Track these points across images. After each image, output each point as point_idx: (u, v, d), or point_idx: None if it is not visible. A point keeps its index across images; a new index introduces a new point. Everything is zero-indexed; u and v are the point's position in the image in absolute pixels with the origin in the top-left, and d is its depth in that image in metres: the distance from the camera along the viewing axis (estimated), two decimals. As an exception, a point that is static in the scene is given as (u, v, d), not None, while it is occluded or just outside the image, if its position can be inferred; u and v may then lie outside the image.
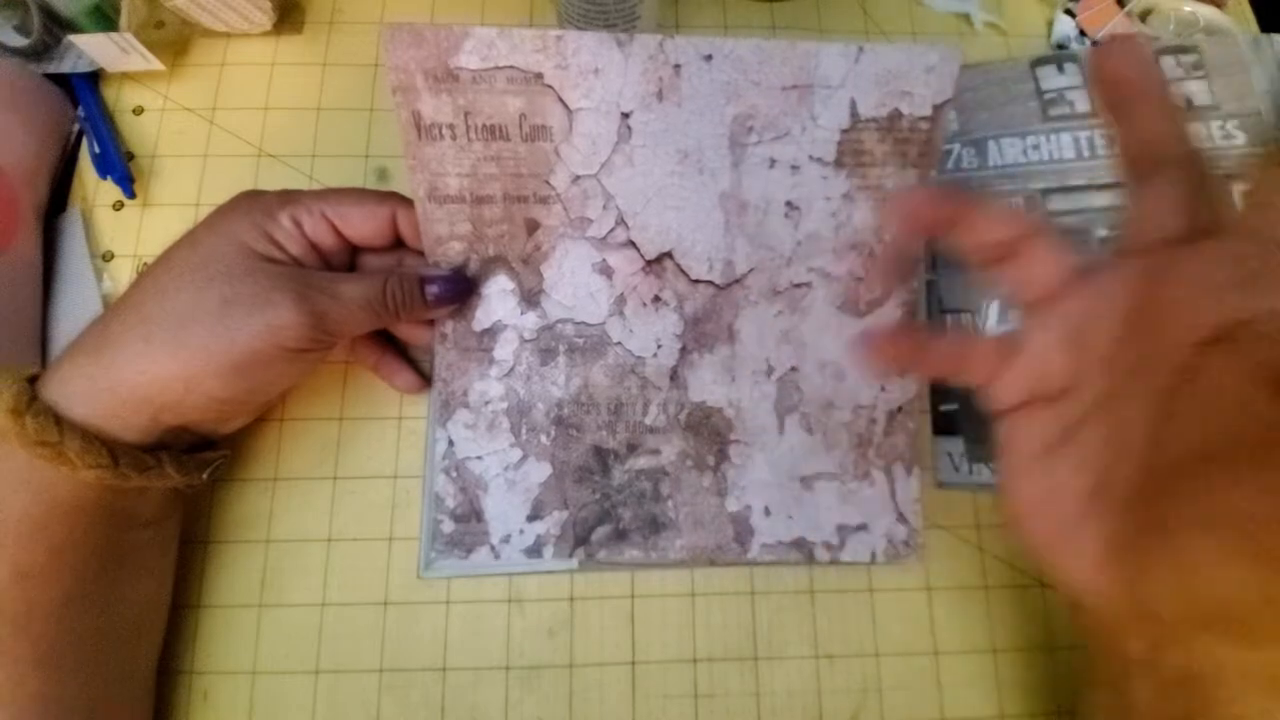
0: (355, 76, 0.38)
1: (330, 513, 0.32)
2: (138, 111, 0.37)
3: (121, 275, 0.34)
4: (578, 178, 0.28)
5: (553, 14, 0.39)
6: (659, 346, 0.31)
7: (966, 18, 0.40)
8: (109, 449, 0.24)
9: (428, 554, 0.31)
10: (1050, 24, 0.40)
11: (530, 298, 0.30)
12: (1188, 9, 0.40)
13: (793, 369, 0.31)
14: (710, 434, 0.31)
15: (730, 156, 0.28)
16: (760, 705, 0.30)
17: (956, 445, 0.33)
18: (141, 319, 0.25)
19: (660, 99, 0.27)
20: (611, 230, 0.29)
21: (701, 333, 0.31)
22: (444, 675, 0.30)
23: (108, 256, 0.35)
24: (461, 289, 0.30)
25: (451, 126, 0.27)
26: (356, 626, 0.31)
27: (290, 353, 0.26)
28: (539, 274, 0.30)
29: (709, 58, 0.27)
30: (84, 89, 0.36)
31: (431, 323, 0.31)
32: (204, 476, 0.28)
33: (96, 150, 0.35)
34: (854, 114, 0.28)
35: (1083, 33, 0.40)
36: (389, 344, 0.32)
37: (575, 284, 0.30)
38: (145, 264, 0.34)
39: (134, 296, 0.25)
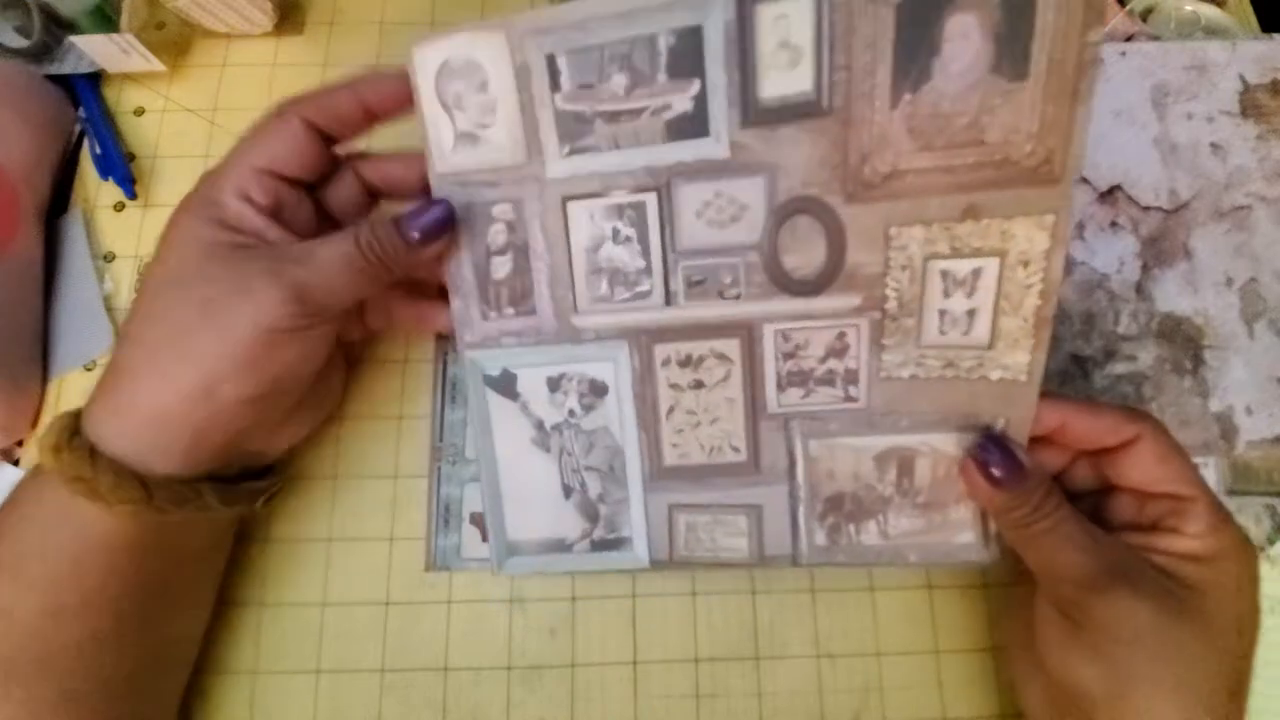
0: (356, 77, 0.38)
1: (331, 512, 0.32)
2: (139, 112, 0.37)
3: (123, 276, 0.34)
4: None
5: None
6: (1121, 264, 0.35)
7: (967, 17, 0.40)
8: (142, 483, 0.23)
9: (440, 549, 0.31)
10: (1050, 23, 0.40)
11: None
12: (1188, 8, 0.40)
13: (1251, 279, 0.35)
14: (1183, 340, 0.34)
15: (1154, 112, 0.36)
16: (762, 705, 0.30)
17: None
18: (141, 345, 0.24)
19: None
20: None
21: (1159, 250, 0.35)
22: (445, 675, 0.30)
23: (109, 257, 0.35)
24: (443, 218, 0.26)
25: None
26: (358, 626, 0.31)
27: (284, 334, 0.24)
28: None
29: (1123, 54, 0.37)
30: (85, 90, 0.36)
31: (422, 300, 0.30)
32: (257, 506, 0.28)
33: (98, 151, 0.35)
34: (1244, 82, 0.36)
35: (1083, 32, 0.40)
36: (423, 295, 0.31)
37: None
38: (146, 264, 0.35)
39: (130, 328, 0.25)
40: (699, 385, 0.28)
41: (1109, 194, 0.36)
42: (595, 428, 0.29)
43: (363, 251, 0.25)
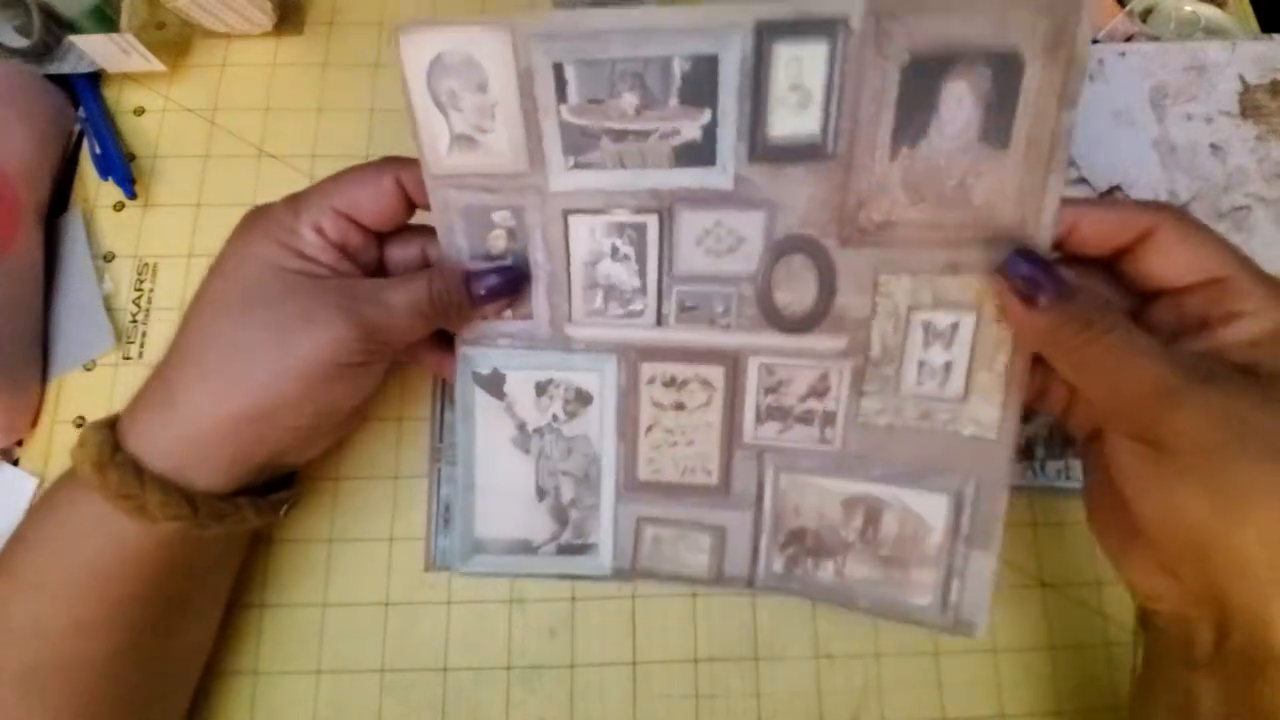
0: (355, 76, 0.38)
1: (332, 513, 0.32)
2: (139, 112, 0.37)
3: (123, 276, 0.34)
4: None
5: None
6: None
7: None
8: (189, 500, 0.24)
9: (441, 548, 0.31)
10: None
11: None
12: (1188, 9, 0.40)
13: None
14: None
15: (1154, 113, 0.37)
16: (761, 706, 0.30)
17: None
18: (198, 364, 0.24)
19: (1091, 80, 0.37)
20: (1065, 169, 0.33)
21: None
22: (445, 675, 0.30)
23: (109, 257, 0.35)
24: (511, 281, 0.27)
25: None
26: (358, 626, 0.31)
27: (348, 369, 0.25)
28: None
29: (1123, 54, 0.38)
30: (85, 90, 0.36)
31: (446, 349, 0.29)
32: (280, 514, 0.28)
33: (98, 151, 0.35)
34: (1244, 83, 0.37)
35: (1083, 32, 0.40)
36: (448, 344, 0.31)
37: None
38: (146, 264, 0.35)
39: (182, 341, 0.25)
40: (680, 407, 0.28)
41: (1108, 195, 0.36)
42: (576, 434, 0.29)
43: (432, 300, 0.25)
